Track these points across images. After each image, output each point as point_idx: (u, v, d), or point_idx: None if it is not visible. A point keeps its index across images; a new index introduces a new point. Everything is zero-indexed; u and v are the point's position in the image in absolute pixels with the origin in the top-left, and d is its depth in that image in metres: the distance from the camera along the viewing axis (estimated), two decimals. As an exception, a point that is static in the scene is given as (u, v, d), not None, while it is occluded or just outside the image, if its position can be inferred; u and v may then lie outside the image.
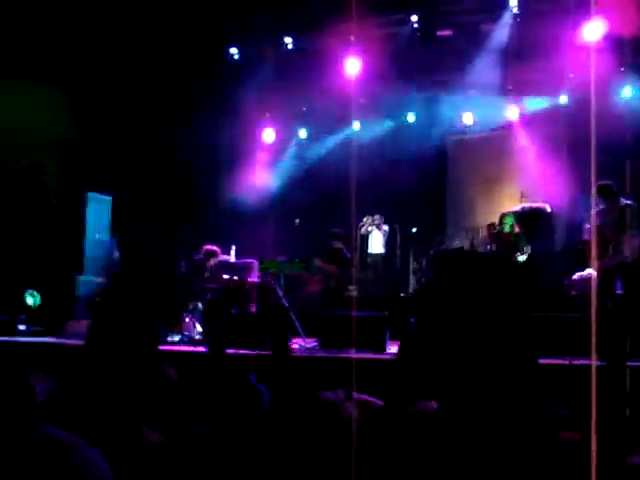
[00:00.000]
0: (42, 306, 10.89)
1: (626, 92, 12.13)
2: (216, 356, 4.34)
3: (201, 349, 8.49)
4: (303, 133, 15.07)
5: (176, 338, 9.75)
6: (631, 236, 8.41)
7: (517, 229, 10.21)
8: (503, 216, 10.47)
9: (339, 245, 11.58)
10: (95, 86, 13.66)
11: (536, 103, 13.19)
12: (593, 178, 4.70)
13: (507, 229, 10.21)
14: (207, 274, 10.72)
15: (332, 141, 14.79)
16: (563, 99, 12.74)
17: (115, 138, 13.89)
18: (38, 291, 10.99)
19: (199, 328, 9.92)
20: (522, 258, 9.69)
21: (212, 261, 10.77)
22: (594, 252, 8.56)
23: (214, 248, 10.91)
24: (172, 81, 13.51)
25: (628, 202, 8.49)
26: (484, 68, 12.59)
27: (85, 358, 3.04)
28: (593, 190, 8.43)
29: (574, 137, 12.28)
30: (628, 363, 5.88)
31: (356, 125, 14.54)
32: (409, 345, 2.68)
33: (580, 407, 2.75)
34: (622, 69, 11.86)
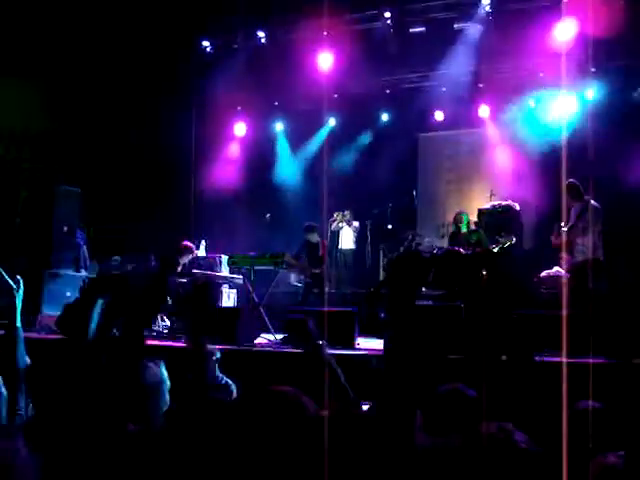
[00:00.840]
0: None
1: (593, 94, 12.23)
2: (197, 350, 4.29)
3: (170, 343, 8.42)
4: (275, 127, 15.03)
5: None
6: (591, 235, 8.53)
7: (473, 227, 10.29)
8: (458, 215, 10.53)
9: (317, 238, 11.56)
10: (65, 80, 13.53)
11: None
12: (564, 177, 4.75)
13: (463, 228, 10.29)
14: (180, 270, 10.66)
15: (304, 136, 14.78)
16: (535, 105, 12.84)
17: (85, 132, 13.77)
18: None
19: (167, 322, 9.85)
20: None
21: (185, 258, 10.68)
22: (564, 250, 8.66)
23: (190, 245, 10.83)
24: (143, 74, 13.40)
25: (593, 203, 8.59)
26: (456, 65, 12.64)
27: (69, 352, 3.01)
28: (564, 188, 8.54)
29: (544, 136, 12.40)
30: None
31: (331, 121, 14.56)
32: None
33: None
34: (593, 70, 11.98)
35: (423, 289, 8.81)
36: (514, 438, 1.96)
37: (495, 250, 9.74)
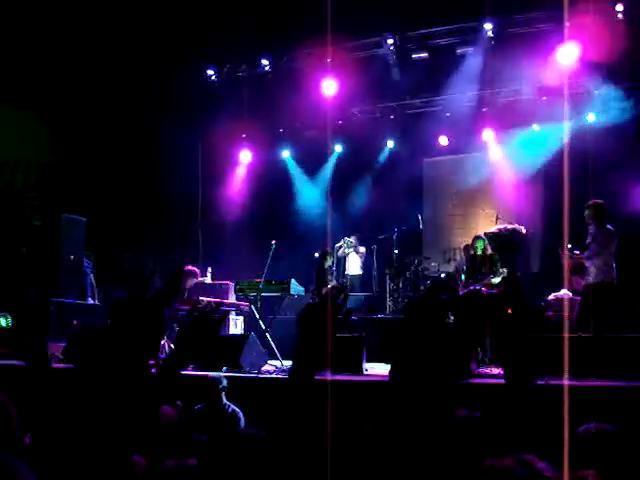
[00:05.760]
0: (14, 328, 10.73)
1: (592, 117, 12.23)
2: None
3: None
4: (280, 154, 15.05)
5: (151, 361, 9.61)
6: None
7: (490, 251, 10.30)
8: (475, 239, 10.55)
9: (328, 264, 11.61)
10: (71, 110, 13.64)
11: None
12: (566, 200, 4.73)
13: (479, 252, 10.29)
14: (185, 295, 10.64)
15: (308, 163, 14.81)
16: (539, 129, 12.85)
17: (90, 161, 13.85)
18: (12, 313, 10.83)
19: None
20: (496, 280, 9.76)
21: (189, 282, 10.67)
22: (566, 271, 8.60)
23: (194, 269, 10.82)
24: (148, 103, 13.49)
25: (608, 226, 8.54)
26: (459, 90, 12.70)
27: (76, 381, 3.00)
28: (586, 208, 8.50)
29: (549, 159, 12.41)
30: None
31: (337, 148, 14.58)
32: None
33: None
34: (596, 92, 12.01)
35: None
36: (537, 467, 1.93)
37: (497, 281, 9.75)
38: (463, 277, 10.48)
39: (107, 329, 3.64)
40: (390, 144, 14.43)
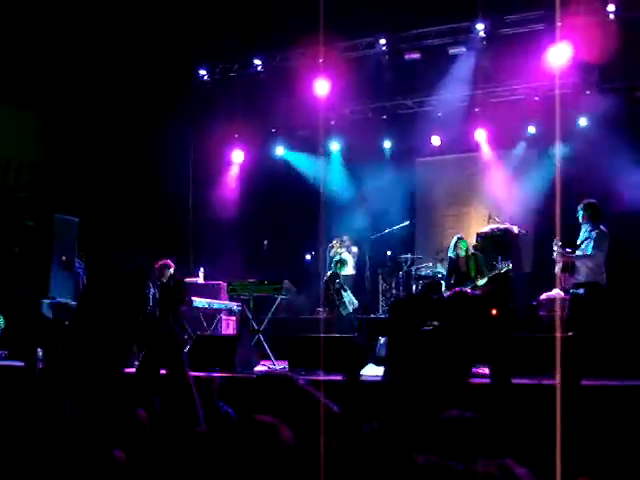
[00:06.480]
0: (7, 330, 10.70)
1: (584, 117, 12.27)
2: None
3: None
4: (273, 154, 15.03)
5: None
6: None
7: (472, 251, 10.32)
8: (458, 240, 10.55)
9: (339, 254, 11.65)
10: (64, 110, 13.63)
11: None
12: (558, 200, 4.75)
13: (462, 253, 10.30)
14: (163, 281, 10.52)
15: (302, 163, 14.80)
16: (531, 129, 12.89)
17: (83, 161, 13.83)
18: (3, 314, 10.80)
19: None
20: (481, 282, 9.80)
21: (165, 274, 10.49)
22: (558, 271, 8.61)
23: (166, 261, 10.65)
24: (140, 102, 13.48)
25: (603, 228, 8.55)
26: (452, 90, 12.72)
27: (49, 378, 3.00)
28: (580, 208, 8.51)
29: (541, 159, 12.45)
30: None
31: (334, 146, 14.56)
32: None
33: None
34: (588, 92, 12.04)
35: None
36: (515, 474, 1.93)
37: (490, 276, 9.80)
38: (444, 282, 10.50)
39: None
40: (383, 144, 14.43)
